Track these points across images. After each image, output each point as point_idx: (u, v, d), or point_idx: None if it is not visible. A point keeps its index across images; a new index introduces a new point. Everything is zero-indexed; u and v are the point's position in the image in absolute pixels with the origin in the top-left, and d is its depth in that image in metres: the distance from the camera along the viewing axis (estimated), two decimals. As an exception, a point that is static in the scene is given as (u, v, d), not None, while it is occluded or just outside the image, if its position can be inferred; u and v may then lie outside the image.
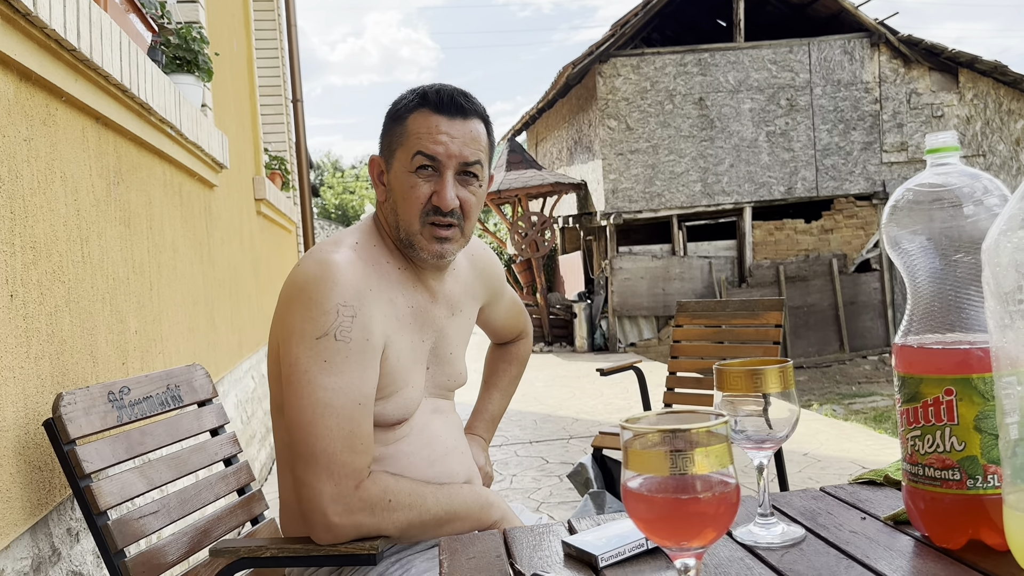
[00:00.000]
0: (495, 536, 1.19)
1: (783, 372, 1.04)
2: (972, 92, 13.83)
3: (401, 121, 1.47)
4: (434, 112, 1.44)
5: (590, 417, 7.05)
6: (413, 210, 1.44)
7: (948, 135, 1.02)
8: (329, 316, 1.34)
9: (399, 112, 1.48)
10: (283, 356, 1.39)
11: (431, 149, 1.43)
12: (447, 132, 1.44)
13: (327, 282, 1.36)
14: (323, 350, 1.34)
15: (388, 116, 1.51)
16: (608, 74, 13.24)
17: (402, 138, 1.46)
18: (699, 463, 0.72)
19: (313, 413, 1.33)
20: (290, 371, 1.36)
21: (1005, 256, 0.86)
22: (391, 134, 1.49)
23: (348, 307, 1.36)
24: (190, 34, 3.07)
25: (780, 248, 13.62)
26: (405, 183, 1.45)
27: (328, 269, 1.38)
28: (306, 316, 1.35)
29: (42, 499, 1.62)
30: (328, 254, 1.41)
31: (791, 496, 1.24)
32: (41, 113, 1.77)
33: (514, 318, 1.94)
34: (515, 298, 1.92)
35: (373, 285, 1.42)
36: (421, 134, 1.44)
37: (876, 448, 5.44)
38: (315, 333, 1.34)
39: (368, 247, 1.49)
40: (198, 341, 3.21)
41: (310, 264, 1.40)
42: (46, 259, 1.74)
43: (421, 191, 1.44)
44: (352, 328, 1.35)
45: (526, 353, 2.02)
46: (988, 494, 0.94)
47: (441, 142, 1.43)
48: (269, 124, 7.73)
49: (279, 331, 1.41)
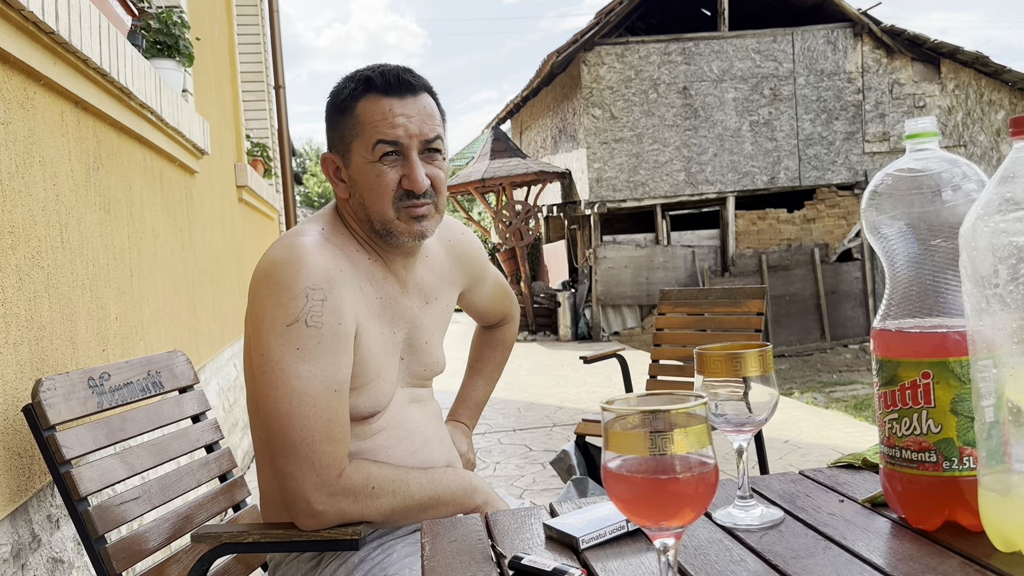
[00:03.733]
0: (477, 520, 1.19)
1: (762, 356, 1.05)
2: (954, 82, 13.92)
3: (349, 112, 1.42)
4: (383, 95, 1.39)
5: (573, 405, 7.08)
6: (385, 199, 1.40)
7: (927, 121, 1.02)
8: (299, 300, 1.31)
9: (344, 103, 1.43)
10: (254, 346, 1.35)
11: (391, 134, 1.38)
12: (402, 113, 1.39)
13: (294, 264, 1.32)
14: (295, 337, 1.31)
15: (332, 109, 1.46)
16: (593, 63, 13.22)
17: (356, 129, 1.41)
18: (678, 443, 0.73)
19: (289, 403, 1.30)
20: (262, 360, 1.32)
21: (982, 241, 0.87)
22: (341, 127, 1.44)
23: (318, 290, 1.32)
24: (171, 19, 3.05)
25: (763, 237, 13.68)
26: (370, 174, 1.40)
27: (295, 251, 1.34)
28: (275, 302, 1.32)
29: (22, 485, 1.61)
30: (295, 237, 1.38)
31: (770, 479, 1.25)
32: (19, 96, 1.75)
33: (499, 300, 1.90)
34: (500, 280, 1.88)
35: (343, 268, 1.39)
36: (376, 121, 1.39)
37: (856, 435, 5.50)
38: (285, 320, 1.31)
39: (335, 234, 1.45)
40: (179, 328, 3.20)
41: (277, 249, 1.37)
42: (24, 244, 1.72)
43: (389, 178, 1.40)
44: (323, 312, 1.32)
45: (511, 338, 2.00)
46: (964, 476, 0.95)
47: (399, 124, 1.39)
48: (251, 111, 7.69)
49: (250, 321, 1.38)
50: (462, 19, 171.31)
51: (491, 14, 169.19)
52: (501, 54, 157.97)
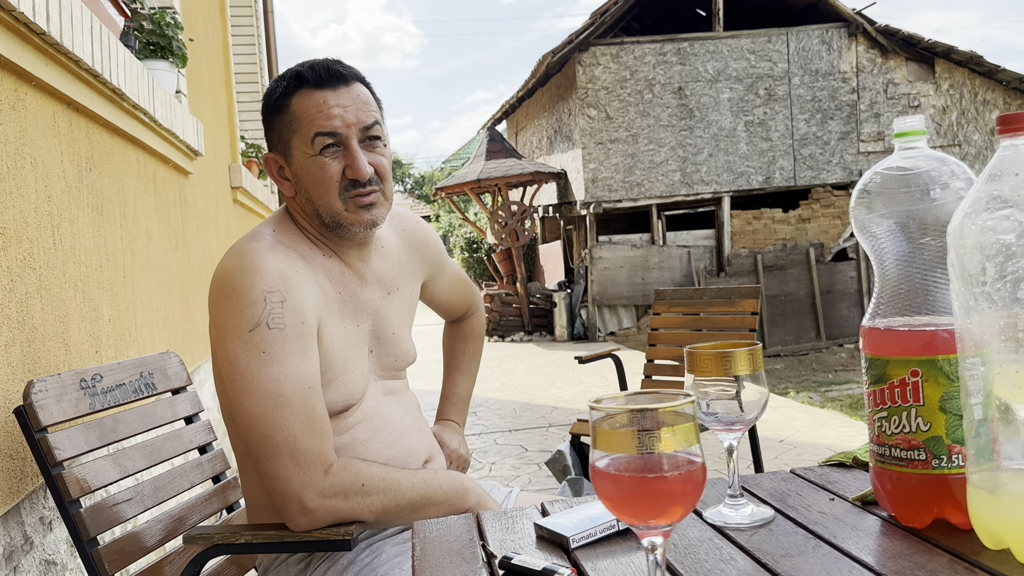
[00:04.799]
0: (468, 520, 1.19)
1: (752, 355, 1.05)
2: (948, 82, 13.94)
3: (284, 110, 1.42)
4: (316, 89, 1.40)
5: (569, 405, 7.08)
6: (331, 191, 1.40)
7: (916, 119, 1.03)
8: (257, 305, 1.30)
9: (278, 101, 1.43)
10: (220, 356, 1.34)
11: (328, 126, 1.39)
12: (337, 104, 1.40)
13: (248, 271, 1.32)
14: (259, 341, 1.30)
15: (267, 109, 1.47)
16: (588, 63, 13.23)
17: (293, 125, 1.42)
18: (666, 442, 0.73)
19: (265, 407, 1.29)
20: (230, 369, 1.32)
21: (970, 239, 0.87)
22: (278, 126, 1.45)
23: (275, 292, 1.32)
24: (164, 19, 3.04)
25: (758, 237, 13.69)
26: (313, 168, 1.40)
27: (247, 258, 1.34)
28: (234, 310, 1.31)
29: (13, 487, 1.61)
30: (246, 243, 1.38)
31: (761, 478, 1.25)
32: (10, 98, 1.75)
33: (460, 293, 1.89)
34: (459, 271, 1.88)
35: (298, 267, 1.39)
36: (312, 115, 1.39)
37: (851, 435, 5.50)
38: (246, 326, 1.30)
39: (287, 235, 1.45)
40: (173, 330, 3.19)
41: (229, 257, 1.37)
42: (16, 246, 1.72)
43: (332, 170, 1.40)
44: (284, 314, 1.32)
45: (480, 328, 1.98)
46: (953, 474, 0.96)
47: (335, 115, 1.39)
48: (246, 112, 7.67)
49: (213, 332, 1.37)
50: (459, 20, 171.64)
51: (488, 14, 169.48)
52: (497, 55, 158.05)
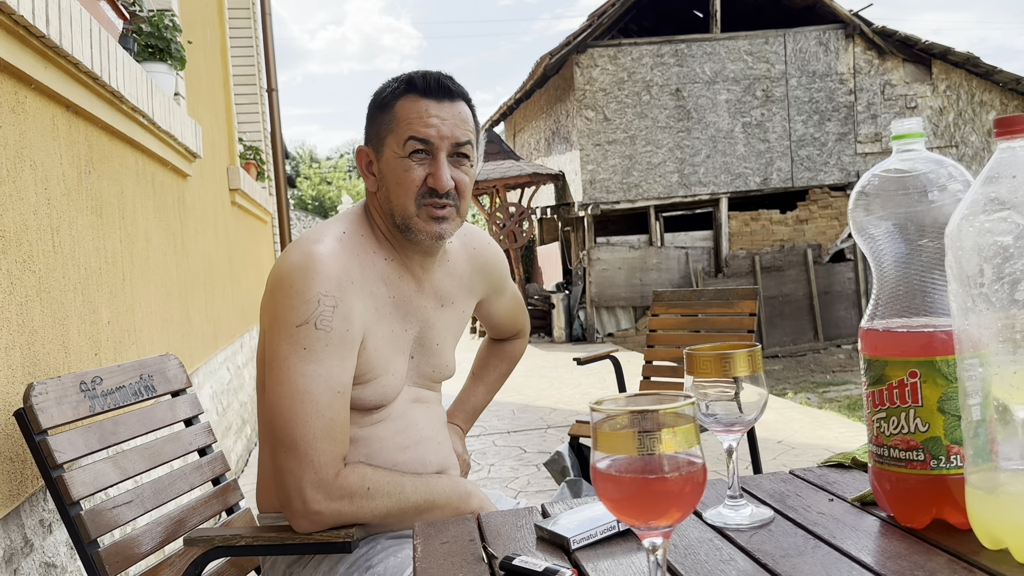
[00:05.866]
0: (469, 521, 1.19)
1: (752, 356, 1.06)
2: (945, 83, 13.97)
3: (388, 108, 1.47)
4: (422, 96, 1.45)
5: (568, 407, 7.08)
6: (408, 194, 1.45)
7: (913, 121, 1.03)
8: (310, 305, 1.35)
9: (385, 100, 1.49)
10: (267, 343, 1.41)
11: (423, 132, 1.43)
12: (437, 115, 1.44)
13: (309, 272, 1.37)
14: (303, 338, 1.35)
15: (373, 105, 1.52)
16: (585, 65, 13.24)
17: (391, 125, 1.46)
18: (666, 443, 0.73)
19: (292, 399, 1.34)
20: (272, 358, 1.38)
21: (968, 241, 0.88)
22: (378, 123, 1.49)
23: (329, 297, 1.37)
24: (162, 22, 3.04)
25: (756, 238, 13.71)
26: (398, 168, 1.45)
27: (311, 260, 1.38)
28: (288, 305, 1.36)
29: (13, 490, 1.61)
30: (312, 244, 1.42)
31: (761, 479, 1.25)
32: (10, 101, 1.75)
33: (513, 318, 1.93)
34: (517, 295, 1.92)
35: (355, 278, 1.43)
36: (411, 119, 1.44)
37: (849, 435, 5.51)
38: (296, 321, 1.35)
39: (355, 236, 1.49)
40: (172, 332, 3.19)
41: (294, 254, 1.41)
42: (16, 249, 1.72)
43: (415, 174, 1.44)
44: (333, 318, 1.36)
45: (520, 352, 2.02)
46: (951, 474, 0.96)
47: (432, 124, 1.44)
48: (244, 114, 7.67)
49: (264, 319, 1.43)
50: (457, 21, 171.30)
51: (486, 16, 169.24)
52: (495, 56, 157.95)
